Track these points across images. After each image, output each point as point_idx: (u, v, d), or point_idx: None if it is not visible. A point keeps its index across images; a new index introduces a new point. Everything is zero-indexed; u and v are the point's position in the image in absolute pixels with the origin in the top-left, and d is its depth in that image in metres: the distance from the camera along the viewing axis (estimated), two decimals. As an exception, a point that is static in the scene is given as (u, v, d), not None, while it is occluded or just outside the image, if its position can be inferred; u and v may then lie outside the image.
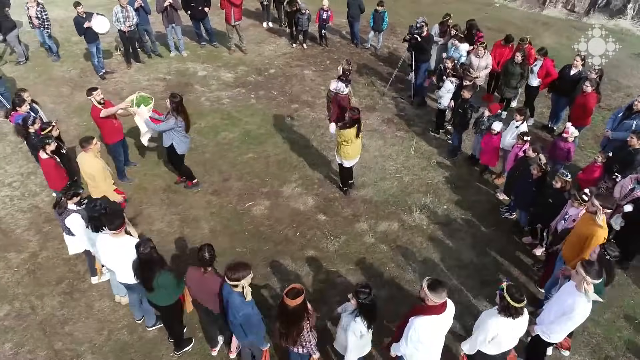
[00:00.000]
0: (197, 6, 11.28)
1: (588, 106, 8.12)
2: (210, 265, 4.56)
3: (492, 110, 7.90)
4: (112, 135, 7.30)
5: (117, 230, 4.73)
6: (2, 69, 10.79)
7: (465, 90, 8.19)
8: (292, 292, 4.08)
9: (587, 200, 5.64)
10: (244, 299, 4.29)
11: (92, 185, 6.18)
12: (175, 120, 6.72)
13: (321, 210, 7.41)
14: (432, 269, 6.51)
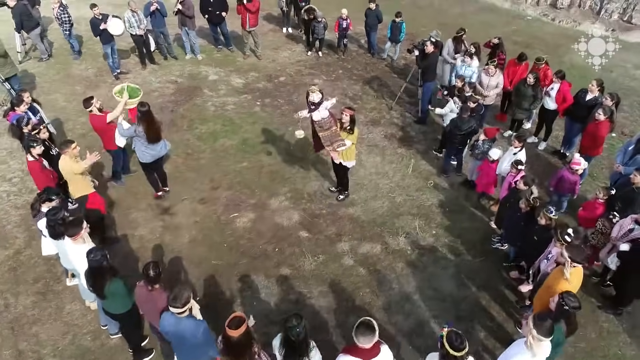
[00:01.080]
0: (215, 11, 11.40)
1: (599, 135, 7.63)
2: (155, 282, 4.52)
3: (488, 134, 7.55)
4: (113, 142, 7.36)
5: (72, 238, 4.79)
6: (26, 65, 11.25)
7: (464, 109, 7.89)
8: (234, 322, 3.96)
9: (569, 241, 5.30)
10: (196, 319, 4.27)
11: (70, 187, 6.28)
12: (134, 128, 6.75)
13: (305, 226, 7.29)
14: (407, 298, 6.27)
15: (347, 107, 7.08)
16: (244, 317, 4.04)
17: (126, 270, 6.41)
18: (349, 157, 7.23)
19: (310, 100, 7.22)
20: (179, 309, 4.10)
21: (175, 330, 4.28)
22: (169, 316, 4.25)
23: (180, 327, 4.24)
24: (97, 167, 8.05)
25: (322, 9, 11.86)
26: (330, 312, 6.05)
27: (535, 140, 9.47)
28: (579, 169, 6.95)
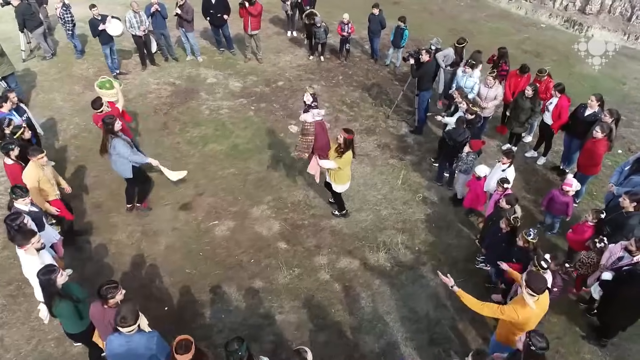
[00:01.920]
0: (216, 13, 11.33)
1: (596, 153, 7.27)
2: (108, 299, 4.40)
3: (473, 147, 7.27)
4: None
5: (20, 247, 4.74)
6: (29, 63, 11.39)
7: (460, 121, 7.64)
8: (182, 347, 3.86)
9: (545, 267, 5.04)
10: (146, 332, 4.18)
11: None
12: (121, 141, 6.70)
13: (285, 237, 7.15)
14: (380, 317, 6.07)
15: (345, 128, 6.60)
16: (191, 340, 3.92)
17: (99, 276, 6.40)
18: (336, 179, 6.90)
19: (304, 100, 7.25)
20: (131, 327, 4.00)
21: (127, 349, 4.15)
22: (116, 337, 4.12)
23: (133, 345, 4.13)
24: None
25: (330, 14, 11.70)
26: (299, 329, 5.90)
27: (534, 155, 9.13)
28: (570, 191, 6.64)
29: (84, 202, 7.61)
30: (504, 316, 4.43)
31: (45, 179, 6.01)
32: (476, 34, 14.27)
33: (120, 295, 4.43)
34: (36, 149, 6.07)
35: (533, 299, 4.30)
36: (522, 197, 8.13)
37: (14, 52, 11.31)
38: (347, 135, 6.47)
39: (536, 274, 4.49)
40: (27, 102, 9.82)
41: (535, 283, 4.29)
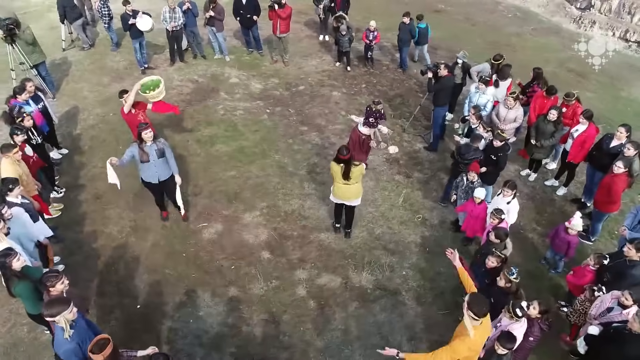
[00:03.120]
0: (246, 14, 11.39)
1: (614, 189, 6.63)
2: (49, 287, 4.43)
3: (475, 170, 6.80)
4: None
5: None
6: (67, 53, 11.94)
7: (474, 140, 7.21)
8: (97, 346, 3.85)
9: (520, 316, 4.61)
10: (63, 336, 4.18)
11: None
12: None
13: (270, 247, 7.03)
14: (348, 343, 5.82)
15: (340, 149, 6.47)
16: (109, 339, 3.89)
17: (82, 267, 6.57)
18: (332, 190, 6.89)
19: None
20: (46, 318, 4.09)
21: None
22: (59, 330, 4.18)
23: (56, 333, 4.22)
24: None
25: (368, 20, 11.44)
26: (263, 344, 5.76)
27: (555, 184, 8.48)
28: (573, 230, 6.07)
29: (86, 192, 7.84)
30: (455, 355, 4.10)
31: (24, 175, 6.13)
32: (518, 49, 13.54)
33: (62, 285, 4.47)
34: (7, 145, 6.16)
35: (474, 324, 3.99)
36: (531, 229, 7.61)
37: (57, 42, 11.94)
38: (338, 152, 6.34)
39: (478, 296, 4.14)
40: (56, 90, 10.31)
41: (477, 305, 3.99)
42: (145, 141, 6.40)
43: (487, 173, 7.42)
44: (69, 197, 7.74)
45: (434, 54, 12.82)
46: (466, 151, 7.21)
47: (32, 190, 6.32)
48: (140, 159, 6.45)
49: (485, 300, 4.10)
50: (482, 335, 4.17)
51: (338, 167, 6.41)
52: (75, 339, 4.15)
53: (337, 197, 6.82)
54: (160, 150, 6.51)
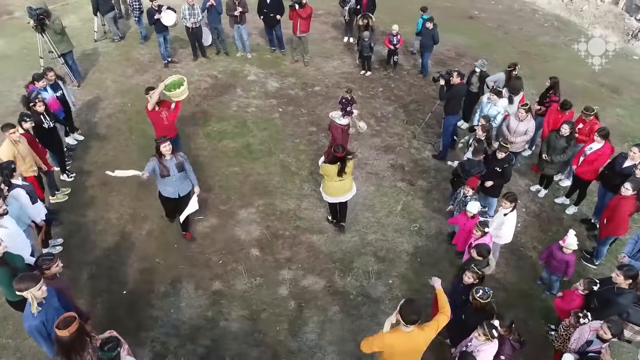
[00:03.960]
0: (269, 13, 11.51)
1: (620, 213, 6.28)
2: (44, 269, 4.63)
3: (472, 185, 6.60)
4: (161, 131, 7.45)
5: None
6: (99, 44, 12.43)
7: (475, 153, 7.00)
8: (64, 322, 4.00)
9: (495, 336, 4.45)
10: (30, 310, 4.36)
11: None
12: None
13: (260, 245, 7.09)
14: (322, 347, 5.79)
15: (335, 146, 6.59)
16: (75, 316, 4.03)
17: (79, 249, 6.84)
18: (325, 190, 6.97)
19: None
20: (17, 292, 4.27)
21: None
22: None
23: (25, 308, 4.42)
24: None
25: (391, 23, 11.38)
26: (236, 340, 5.82)
27: (565, 202, 8.11)
28: (568, 249, 5.79)
29: (93, 178, 8.14)
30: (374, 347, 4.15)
31: (20, 155, 6.40)
32: (550, 59, 13.07)
33: (57, 267, 4.67)
34: (7, 124, 6.41)
35: (403, 328, 4.02)
36: (531, 247, 7.32)
37: (92, 33, 12.46)
38: (334, 150, 6.41)
39: (414, 303, 4.07)
40: (82, 79, 10.76)
41: (406, 311, 3.98)
42: (164, 155, 6.16)
43: (493, 186, 7.22)
44: (77, 181, 8.07)
45: (459, 61, 12.56)
46: (470, 167, 7.02)
47: (27, 171, 6.56)
48: (161, 173, 6.22)
49: (418, 310, 4.01)
50: (405, 344, 4.10)
51: (334, 166, 6.45)
52: (40, 317, 4.33)
53: (334, 196, 6.86)
54: (179, 164, 6.28)
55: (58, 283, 4.74)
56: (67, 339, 3.98)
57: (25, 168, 6.56)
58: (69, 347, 4.03)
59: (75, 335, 4.00)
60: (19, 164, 6.40)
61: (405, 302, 4.10)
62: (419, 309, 4.06)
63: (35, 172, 6.77)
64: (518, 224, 7.61)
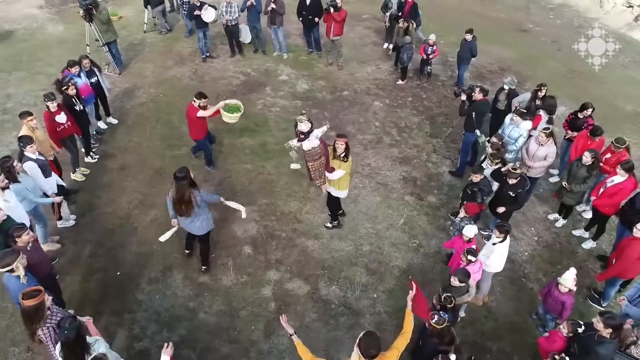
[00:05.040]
0: (308, 15, 11.62)
1: (629, 255, 5.79)
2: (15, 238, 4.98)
3: (469, 211, 6.32)
4: (198, 133, 7.99)
5: None
6: (147, 35, 13.08)
7: (476, 174, 6.70)
8: (28, 294, 4.29)
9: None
10: (20, 282, 4.70)
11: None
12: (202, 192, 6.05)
13: (254, 243, 7.20)
14: (292, 352, 5.71)
15: (339, 134, 6.67)
16: (40, 290, 4.29)
17: (87, 228, 7.26)
18: (341, 186, 6.88)
19: (299, 130, 6.99)
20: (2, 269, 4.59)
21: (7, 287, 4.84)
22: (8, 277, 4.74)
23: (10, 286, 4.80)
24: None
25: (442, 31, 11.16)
26: (211, 333, 5.96)
27: (584, 235, 7.59)
28: (563, 286, 5.42)
29: (114, 161, 8.60)
30: None
31: (38, 140, 6.82)
32: (600, 81, 12.22)
33: (27, 236, 5.01)
34: (25, 112, 6.87)
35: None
36: (535, 279, 6.95)
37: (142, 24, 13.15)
38: (345, 139, 6.46)
39: (372, 336, 3.90)
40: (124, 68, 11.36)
41: (364, 345, 3.83)
42: None
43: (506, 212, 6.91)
44: (99, 163, 8.56)
45: (499, 76, 12.06)
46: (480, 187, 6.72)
47: (45, 153, 7.03)
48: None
49: (376, 344, 3.85)
50: None
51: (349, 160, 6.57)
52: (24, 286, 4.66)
53: (347, 187, 7.02)
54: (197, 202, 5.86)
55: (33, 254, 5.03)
56: (28, 309, 4.26)
57: (44, 150, 7.02)
58: (29, 317, 4.32)
59: (36, 307, 4.27)
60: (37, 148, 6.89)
61: (365, 335, 3.95)
62: (379, 343, 3.91)
63: (52, 157, 7.24)
64: (525, 252, 7.32)
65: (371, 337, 3.90)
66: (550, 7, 17.08)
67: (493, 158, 6.89)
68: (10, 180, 5.90)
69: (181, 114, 9.49)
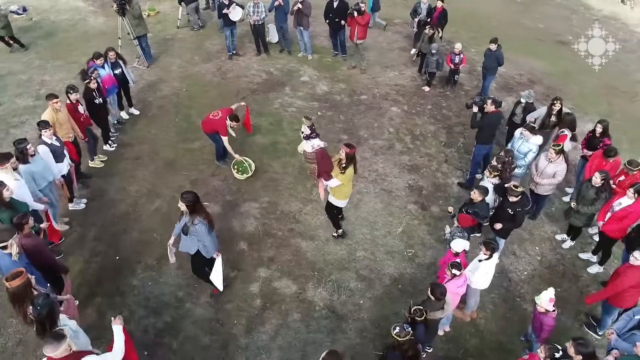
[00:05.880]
0: (334, 18, 11.69)
1: (620, 282, 5.53)
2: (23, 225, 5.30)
3: (461, 223, 6.18)
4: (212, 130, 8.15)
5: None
6: (180, 30, 13.53)
7: (476, 192, 6.53)
8: (11, 275, 4.56)
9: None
10: (12, 259, 5.00)
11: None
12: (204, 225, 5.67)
13: (250, 240, 7.33)
14: (269, 349, 5.87)
15: (347, 143, 6.66)
16: (24, 271, 4.56)
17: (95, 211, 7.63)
18: (337, 194, 6.86)
19: (302, 130, 7.48)
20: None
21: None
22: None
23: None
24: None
25: (475, 39, 10.96)
26: (195, 324, 6.12)
27: (591, 259, 7.27)
28: (539, 306, 5.23)
29: (130, 151, 8.96)
30: None
31: (58, 122, 7.25)
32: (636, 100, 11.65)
33: (29, 224, 5.32)
34: (51, 94, 7.27)
35: None
36: (530, 301, 6.70)
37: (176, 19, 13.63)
38: (348, 150, 6.40)
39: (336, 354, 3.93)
40: (152, 61, 11.79)
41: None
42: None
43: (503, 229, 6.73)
44: (116, 152, 8.94)
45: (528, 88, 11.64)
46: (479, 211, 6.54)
47: (64, 136, 7.41)
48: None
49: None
50: None
51: (351, 168, 6.51)
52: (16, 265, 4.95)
53: (348, 197, 6.97)
54: (185, 228, 5.70)
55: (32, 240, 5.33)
56: (12, 290, 4.52)
57: (62, 134, 7.41)
58: (19, 297, 4.58)
59: (19, 288, 4.52)
60: (57, 130, 7.30)
61: (328, 354, 4.02)
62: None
63: (70, 138, 7.62)
64: (525, 271, 7.13)
65: (335, 355, 3.92)
66: (595, 19, 16.34)
67: (492, 170, 6.70)
68: (20, 161, 6.29)
69: (200, 109, 9.86)
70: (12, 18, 13.39)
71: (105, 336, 5.53)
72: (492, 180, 6.69)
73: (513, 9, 16.80)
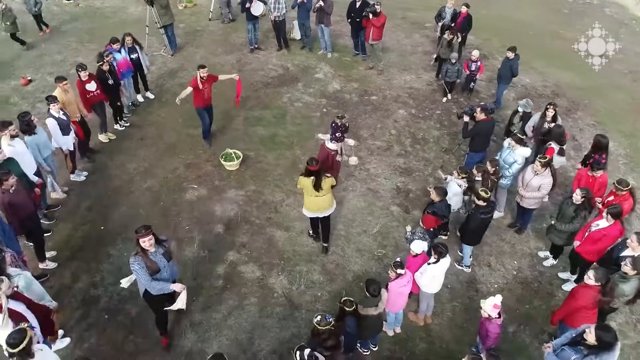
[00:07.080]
0: (356, 18, 11.78)
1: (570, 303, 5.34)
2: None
3: (425, 224, 6.13)
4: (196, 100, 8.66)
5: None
6: (212, 23, 14.08)
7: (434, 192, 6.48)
8: None
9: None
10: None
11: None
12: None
13: (228, 224, 7.60)
14: (219, 327, 6.12)
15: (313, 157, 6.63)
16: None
17: (93, 183, 8.18)
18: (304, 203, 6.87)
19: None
20: None
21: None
22: None
23: None
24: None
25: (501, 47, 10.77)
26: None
27: (569, 279, 6.98)
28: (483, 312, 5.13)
29: (138, 131, 9.52)
30: None
31: (67, 102, 7.79)
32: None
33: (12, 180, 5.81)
34: (61, 77, 7.88)
35: None
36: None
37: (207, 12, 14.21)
38: (307, 164, 6.38)
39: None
40: (177, 50, 12.37)
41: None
42: (147, 250, 5.04)
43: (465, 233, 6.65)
44: (125, 131, 9.52)
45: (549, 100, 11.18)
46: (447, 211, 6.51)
47: (72, 116, 7.96)
48: (150, 272, 5.06)
49: None
50: None
51: (308, 180, 6.40)
52: None
53: (311, 211, 6.79)
54: (167, 252, 5.28)
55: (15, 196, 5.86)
56: None
57: (71, 113, 8.01)
58: None
59: None
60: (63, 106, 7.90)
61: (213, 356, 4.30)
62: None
63: (78, 118, 8.21)
64: (495, 284, 6.96)
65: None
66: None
67: (461, 172, 6.61)
68: (25, 132, 6.89)
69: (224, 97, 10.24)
70: (62, 3, 14.49)
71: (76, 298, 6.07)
72: (458, 182, 6.59)
73: (555, 18, 16.08)
